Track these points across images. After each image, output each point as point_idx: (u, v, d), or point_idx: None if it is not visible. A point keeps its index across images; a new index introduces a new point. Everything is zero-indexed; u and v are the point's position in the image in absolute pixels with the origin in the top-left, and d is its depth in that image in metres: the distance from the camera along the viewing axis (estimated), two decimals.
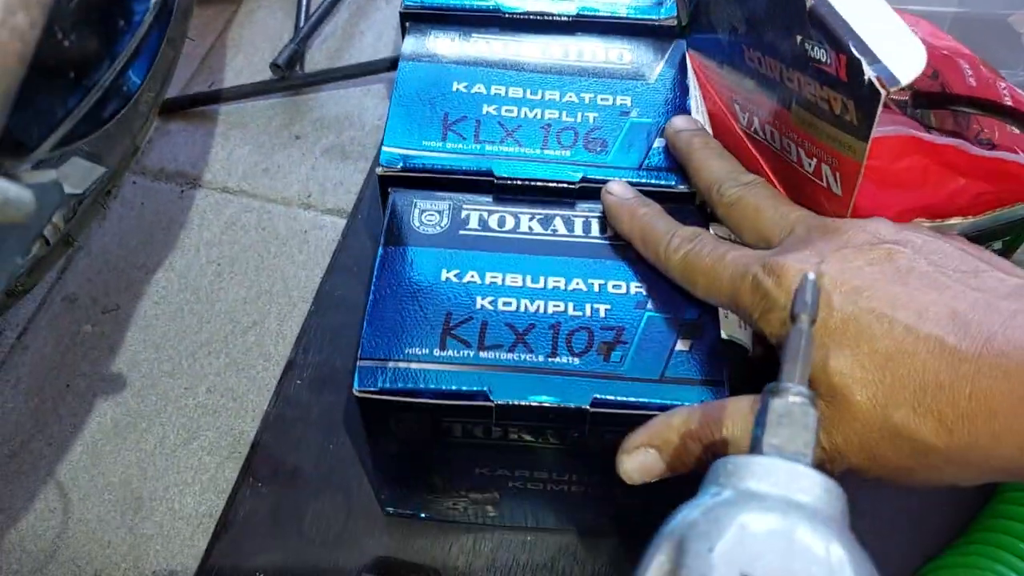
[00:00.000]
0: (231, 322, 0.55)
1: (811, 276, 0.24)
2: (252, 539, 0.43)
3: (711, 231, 0.37)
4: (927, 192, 0.36)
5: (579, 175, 0.40)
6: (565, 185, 0.40)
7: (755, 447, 0.23)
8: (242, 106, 0.65)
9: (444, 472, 0.39)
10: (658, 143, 0.41)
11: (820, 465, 0.28)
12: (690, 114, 0.42)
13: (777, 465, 0.21)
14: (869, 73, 0.31)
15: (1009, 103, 0.38)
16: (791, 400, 0.22)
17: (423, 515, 0.43)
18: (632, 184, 0.39)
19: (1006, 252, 0.41)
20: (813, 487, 0.21)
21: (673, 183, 0.40)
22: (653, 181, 0.40)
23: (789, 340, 0.23)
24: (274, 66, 0.64)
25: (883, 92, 0.31)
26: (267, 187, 0.61)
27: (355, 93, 0.66)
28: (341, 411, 0.47)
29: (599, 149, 0.41)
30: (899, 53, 0.31)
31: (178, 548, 0.45)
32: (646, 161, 0.41)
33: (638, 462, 0.32)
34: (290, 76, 0.65)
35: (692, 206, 0.40)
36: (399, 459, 0.39)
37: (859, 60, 0.31)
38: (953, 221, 0.37)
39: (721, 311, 0.36)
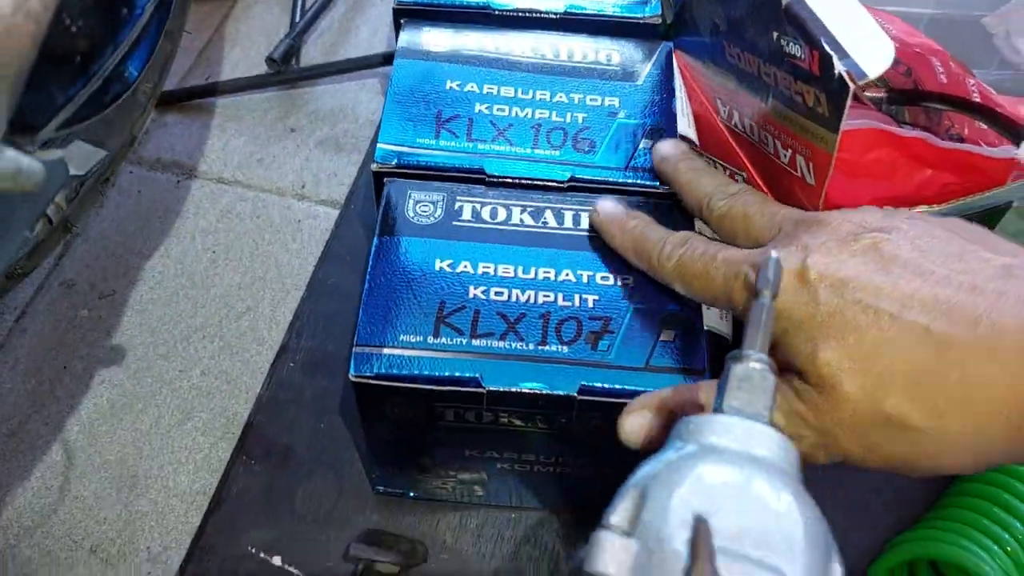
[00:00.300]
0: (225, 307, 0.54)
1: (774, 255, 0.25)
2: (245, 516, 0.43)
3: (696, 230, 0.37)
4: (896, 183, 0.36)
5: (568, 175, 0.40)
6: (554, 184, 0.40)
7: (717, 408, 0.23)
8: (238, 99, 0.64)
9: (435, 454, 0.39)
10: (644, 144, 0.41)
11: (814, 453, 0.28)
12: (675, 116, 0.42)
13: (735, 422, 0.21)
14: (839, 67, 0.31)
15: (977, 99, 0.38)
16: (751, 366, 0.23)
17: (412, 494, 0.43)
18: (619, 184, 0.39)
19: None
20: (769, 442, 0.21)
21: (659, 184, 0.40)
22: (640, 181, 0.40)
23: (751, 312, 0.24)
24: (270, 60, 0.63)
25: (852, 85, 0.31)
26: (262, 177, 0.60)
27: (350, 87, 0.65)
28: (333, 394, 0.47)
29: (587, 149, 0.41)
30: (868, 49, 0.31)
31: (172, 524, 0.45)
32: (633, 161, 0.40)
33: (636, 423, 0.31)
34: (285, 70, 0.64)
35: (676, 202, 0.40)
36: (392, 441, 0.38)
37: (830, 55, 0.32)
38: (920, 209, 0.37)
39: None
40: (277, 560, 0.41)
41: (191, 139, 0.62)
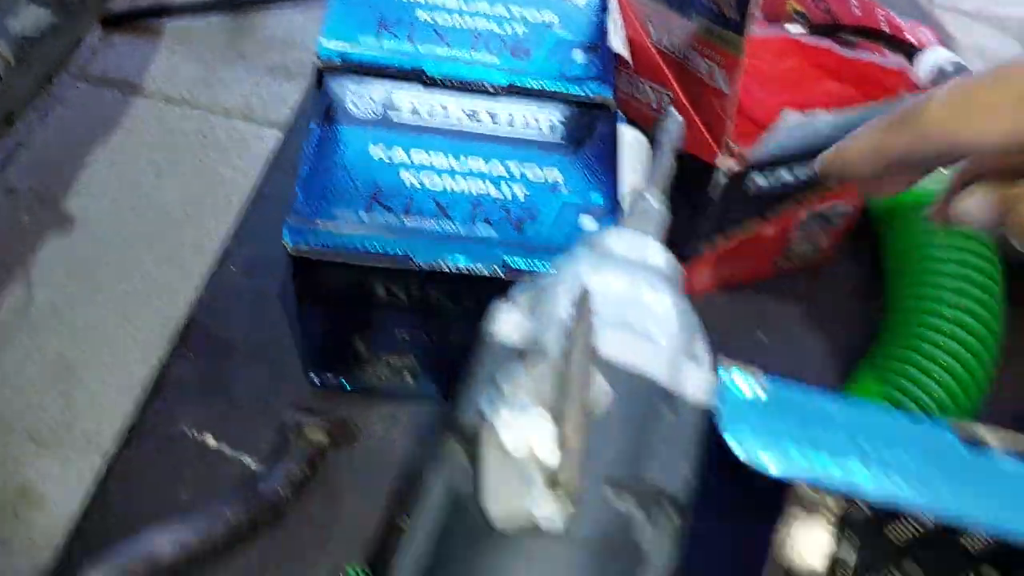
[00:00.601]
0: (168, 218, 0.55)
1: (674, 112, 0.27)
2: (181, 404, 0.44)
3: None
4: (803, 91, 0.39)
5: (506, 80, 0.42)
6: (492, 88, 0.42)
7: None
8: (187, 23, 0.65)
9: (367, 335, 0.40)
10: (578, 56, 0.43)
11: None
12: (607, 33, 0.44)
13: (630, 234, 0.24)
14: None
15: (887, 29, 0.41)
16: (648, 199, 0.25)
17: (347, 387, 0.44)
18: (552, 92, 0.41)
19: None
20: (656, 253, 0.24)
21: (589, 93, 0.42)
22: (572, 90, 0.42)
23: (655, 158, 0.26)
24: None
25: None
26: (209, 99, 0.61)
27: (300, 17, 0.66)
28: (273, 295, 0.48)
29: (524, 57, 0.43)
30: None
31: (109, 414, 0.46)
32: (566, 71, 0.43)
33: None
34: None
35: (606, 112, 0.42)
36: (327, 324, 0.40)
37: None
38: (820, 112, 0.40)
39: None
40: (211, 440, 0.42)
41: (139, 59, 0.63)
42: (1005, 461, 0.21)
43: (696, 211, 0.45)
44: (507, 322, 0.22)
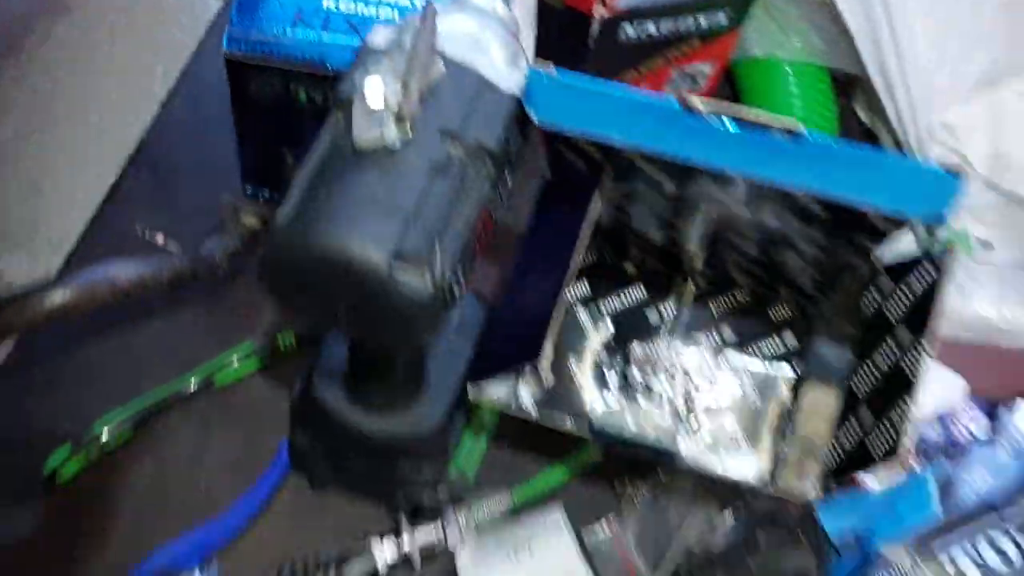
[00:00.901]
0: (120, 66, 0.60)
1: None
2: (133, 210, 0.51)
3: None
4: None
5: None
6: None
7: None
8: None
9: (292, 144, 0.48)
10: None
11: None
12: None
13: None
14: None
15: None
16: None
17: (276, 197, 0.52)
18: None
19: (731, 27, 0.53)
20: (499, 7, 0.32)
21: None
22: None
23: None
24: None
25: None
26: None
27: None
28: (214, 126, 0.55)
29: None
30: None
31: (70, 221, 0.52)
32: None
33: None
34: None
35: None
36: (259, 130, 0.47)
37: None
38: None
39: None
40: (160, 239, 0.49)
41: None
42: (709, 120, 0.30)
43: (576, 62, 0.53)
44: (379, 34, 0.29)
